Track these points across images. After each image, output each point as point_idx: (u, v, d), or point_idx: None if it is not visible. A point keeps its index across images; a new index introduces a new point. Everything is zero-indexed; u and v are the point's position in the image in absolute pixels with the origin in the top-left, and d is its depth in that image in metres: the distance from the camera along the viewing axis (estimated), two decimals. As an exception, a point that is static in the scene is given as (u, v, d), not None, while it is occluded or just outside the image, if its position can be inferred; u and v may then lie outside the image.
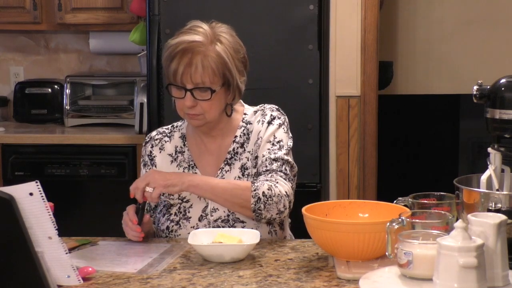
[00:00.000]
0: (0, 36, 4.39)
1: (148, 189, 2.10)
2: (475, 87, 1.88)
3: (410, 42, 4.38)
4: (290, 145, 2.26)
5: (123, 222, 2.16)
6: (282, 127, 2.27)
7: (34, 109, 4.21)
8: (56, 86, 4.22)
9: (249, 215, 2.16)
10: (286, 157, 2.22)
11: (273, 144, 2.24)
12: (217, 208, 2.21)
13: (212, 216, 2.21)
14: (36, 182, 1.58)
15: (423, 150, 5.38)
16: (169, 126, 2.39)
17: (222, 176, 2.25)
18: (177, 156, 2.31)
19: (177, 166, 2.30)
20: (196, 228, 2.20)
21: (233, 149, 2.27)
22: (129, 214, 2.14)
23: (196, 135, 2.31)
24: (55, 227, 1.61)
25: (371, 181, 3.61)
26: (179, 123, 2.38)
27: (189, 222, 2.23)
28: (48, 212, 1.60)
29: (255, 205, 2.11)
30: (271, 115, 2.29)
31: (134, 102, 3.98)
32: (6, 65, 4.43)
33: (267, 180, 2.15)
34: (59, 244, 1.63)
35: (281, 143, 2.24)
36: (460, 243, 1.54)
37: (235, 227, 2.19)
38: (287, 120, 2.31)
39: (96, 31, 4.17)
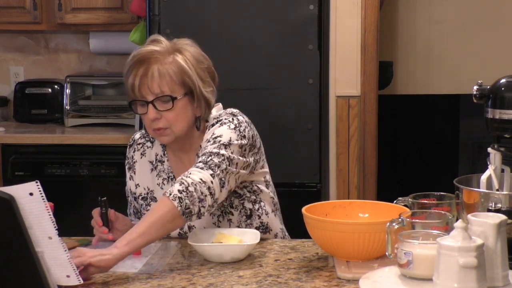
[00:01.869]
0: (0, 36, 4.39)
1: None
2: (475, 87, 1.88)
3: (410, 42, 4.38)
4: (236, 142, 2.09)
5: (92, 225, 2.12)
6: (227, 124, 2.12)
7: (34, 109, 4.21)
8: (56, 86, 4.22)
9: (181, 223, 1.98)
10: (215, 150, 2.05)
11: (208, 141, 2.10)
12: (193, 226, 2.19)
13: (190, 232, 2.16)
14: (36, 182, 1.58)
15: (423, 150, 5.38)
16: None
17: None
18: (157, 165, 2.26)
19: (156, 176, 2.26)
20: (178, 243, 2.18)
21: (196, 162, 2.14)
22: (94, 218, 2.10)
23: (173, 149, 2.25)
24: (55, 227, 1.62)
25: (371, 181, 3.61)
26: None
27: (170, 240, 2.20)
28: (48, 212, 1.60)
29: (181, 206, 1.92)
30: (219, 119, 2.16)
31: (134, 102, 3.97)
32: (6, 65, 4.43)
33: (178, 179, 1.99)
34: (59, 244, 1.64)
35: (218, 138, 2.08)
36: (460, 243, 1.54)
37: None
38: (239, 120, 2.14)
39: (96, 31, 4.17)
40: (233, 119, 2.15)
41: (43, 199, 1.59)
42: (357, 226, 1.87)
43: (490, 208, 1.77)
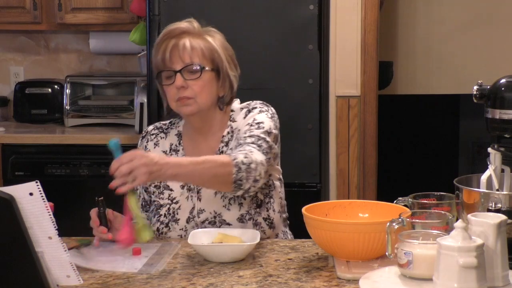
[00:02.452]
0: (0, 36, 4.39)
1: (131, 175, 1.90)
2: (475, 87, 1.88)
3: (410, 42, 4.39)
4: (274, 132, 2.19)
5: (91, 226, 2.12)
6: (265, 113, 2.22)
7: (34, 109, 4.21)
8: (56, 86, 4.22)
9: (227, 189, 2.06)
10: (262, 135, 2.14)
11: (251, 125, 2.17)
12: (203, 209, 2.20)
13: (199, 217, 2.20)
14: (36, 182, 1.58)
15: (423, 150, 5.38)
16: (167, 122, 2.36)
17: None
18: (171, 154, 2.29)
19: None
20: (185, 231, 2.20)
21: (219, 149, 2.24)
22: (92, 218, 2.10)
23: (190, 135, 2.29)
24: (55, 227, 1.61)
25: (371, 181, 3.61)
26: (177, 120, 2.35)
27: (177, 224, 2.22)
28: (48, 212, 1.60)
29: (236, 175, 2.00)
30: (254, 107, 2.25)
31: (134, 102, 3.98)
32: (6, 65, 4.43)
33: (240, 151, 2.08)
34: (59, 244, 1.63)
35: (261, 124, 2.17)
36: (460, 243, 1.54)
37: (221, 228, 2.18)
38: (273, 111, 2.26)
39: (96, 31, 4.17)
40: (268, 108, 2.24)
41: (43, 199, 1.59)
42: (357, 226, 1.87)
43: (490, 208, 1.77)
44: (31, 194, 1.58)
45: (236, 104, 2.30)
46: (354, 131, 3.58)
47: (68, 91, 4.09)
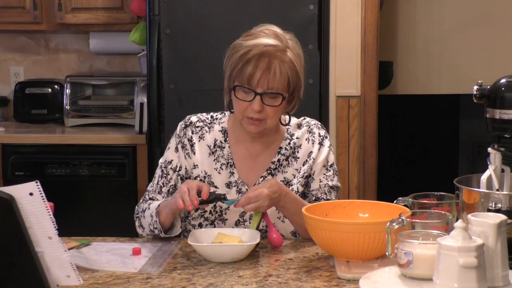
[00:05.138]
0: (0, 36, 4.39)
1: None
2: (475, 87, 1.88)
3: (410, 42, 4.38)
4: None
5: (187, 188, 2.04)
6: (331, 148, 2.30)
7: (34, 109, 4.21)
8: (56, 86, 4.22)
9: (303, 235, 2.16)
10: (339, 184, 2.29)
11: (327, 169, 2.26)
12: None
13: (251, 223, 2.17)
14: (36, 182, 1.57)
15: (423, 150, 5.38)
16: (208, 115, 2.32)
17: None
18: (216, 150, 2.25)
19: (214, 161, 2.25)
20: None
21: (278, 160, 2.24)
22: (199, 187, 2.04)
23: (239, 135, 2.26)
24: (55, 227, 1.61)
25: (371, 181, 3.61)
26: (219, 115, 2.32)
27: (224, 224, 2.20)
28: (48, 212, 1.60)
29: None
30: (319, 134, 2.30)
31: (134, 102, 3.98)
32: (6, 65, 4.43)
33: None
34: (59, 244, 1.63)
35: (333, 167, 2.28)
36: (460, 243, 1.54)
37: None
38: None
39: (96, 31, 4.17)
40: (329, 138, 2.32)
41: (43, 199, 1.59)
42: (357, 226, 1.87)
43: (490, 208, 1.77)
44: (31, 194, 1.58)
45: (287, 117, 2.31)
46: (354, 131, 3.58)
47: (68, 91, 4.09)
